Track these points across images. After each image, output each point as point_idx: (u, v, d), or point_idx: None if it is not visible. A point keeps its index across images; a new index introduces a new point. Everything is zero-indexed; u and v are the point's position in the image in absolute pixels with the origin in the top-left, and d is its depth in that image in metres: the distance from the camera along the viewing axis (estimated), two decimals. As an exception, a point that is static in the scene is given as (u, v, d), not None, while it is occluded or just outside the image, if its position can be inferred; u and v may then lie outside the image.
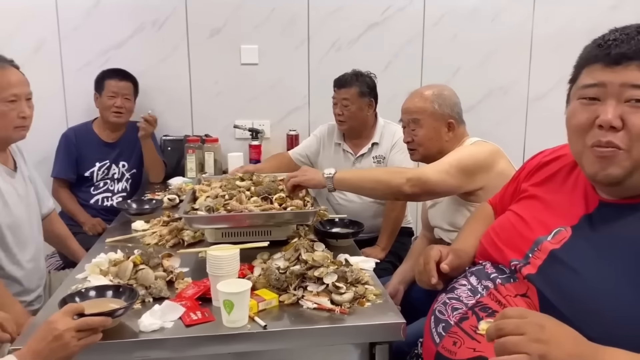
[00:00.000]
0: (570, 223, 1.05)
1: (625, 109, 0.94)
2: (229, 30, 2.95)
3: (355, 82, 2.50)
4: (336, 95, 2.54)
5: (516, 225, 1.16)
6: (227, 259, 1.29)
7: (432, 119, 1.84)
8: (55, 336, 1.07)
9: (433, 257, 1.21)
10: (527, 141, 3.22)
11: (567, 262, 1.00)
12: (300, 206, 1.74)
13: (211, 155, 2.80)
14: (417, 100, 1.88)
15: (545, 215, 1.11)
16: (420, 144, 1.88)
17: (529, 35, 3.12)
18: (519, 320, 0.84)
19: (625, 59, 0.94)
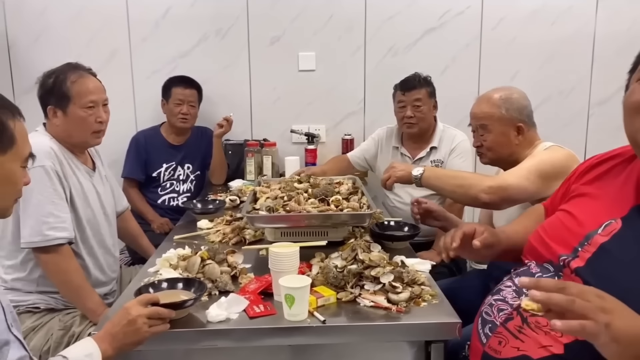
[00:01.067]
0: (620, 214, 1.05)
1: None
2: (288, 38, 3.04)
3: (425, 82, 2.51)
4: (405, 98, 2.51)
5: (565, 222, 1.16)
6: (288, 255, 1.36)
7: (500, 123, 1.84)
8: (130, 320, 1.16)
9: (465, 229, 1.27)
10: (588, 147, 3.13)
11: (615, 254, 1.00)
12: (356, 208, 1.79)
13: (269, 158, 2.90)
14: (484, 106, 1.87)
15: (595, 209, 1.11)
16: (490, 149, 1.88)
17: (591, 38, 3.04)
18: (582, 286, 0.85)
19: None
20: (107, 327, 1.18)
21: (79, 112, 1.80)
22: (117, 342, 1.16)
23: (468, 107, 1.98)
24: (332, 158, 2.91)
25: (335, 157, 2.92)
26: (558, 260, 1.11)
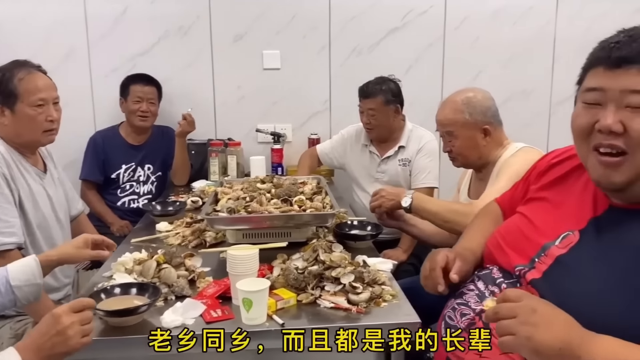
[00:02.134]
0: (579, 227, 1.04)
1: (626, 114, 0.93)
2: (252, 36, 3.00)
3: (380, 91, 2.51)
4: (362, 105, 2.56)
5: (523, 229, 1.15)
6: (246, 258, 1.33)
7: (465, 129, 1.84)
8: (59, 331, 1.06)
9: (439, 262, 1.20)
10: (550, 145, 3.18)
11: (572, 268, 1.00)
12: (319, 208, 1.77)
13: (234, 158, 2.85)
14: (447, 112, 1.87)
15: (554, 219, 1.10)
16: (459, 154, 1.89)
17: (552, 38, 3.10)
18: (514, 304, 0.88)
19: (625, 62, 0.92)
20: (34, 336, 1.07)
21: (28, 111, 1.73)
22: (43, 352, 1.05)
23: (433, 107, 1.98)
24: (303, 159, 2.85)
25: (305, 156, 2.88)
26: (513, 271, 1.10)
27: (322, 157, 2.83)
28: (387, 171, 2.62)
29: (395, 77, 2.58)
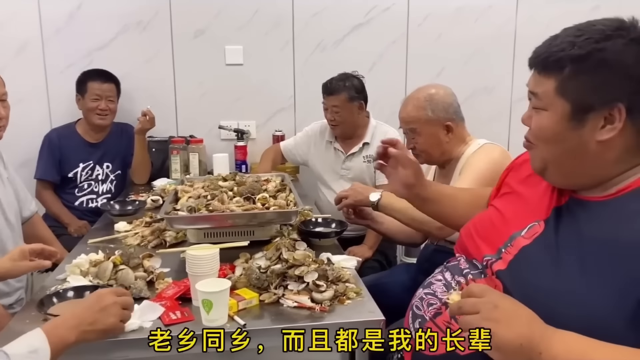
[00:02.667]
0: (543, 217, 1.06)
1: (532, 111, 1.03)
2: (213, 31, 2.94)
3: (343, 87, 2.49)
4: (326, 102, 2.55)
5: (494, 220, 1.17)
6: (206, 258, 1.29)
7: (428, 125, 1.84)
8: (103, 307, 1.10)
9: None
10: (511, 142, 3.24)
11: (535, 258, 1.01)
12: (283, 206, 1.74)
13: (196, 156, 2.79)
14: (410, 109, 1.87)
15: (521, 210, 1.12)
16: (422, 151, 1.88)
17: (512, 35, 3.15)
18: (476, 300, 0.89)
19: (532, 65, 1.02)
20: (75, 312, 1.09)
21: (-26, 107, 1.64)
22: (82, 326, 1.06)
23: (397, 103, 1.98)
24: (265, 156, 2.82)
25: (268, 152, 2.84)
26: (482, 260, 1.11)
27: (286, 153, 2.80)
28: (352, 168, 2.61)
29: (359, 74, 2.57)
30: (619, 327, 0.86)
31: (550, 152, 1.01)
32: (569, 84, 0.95)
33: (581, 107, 0.95)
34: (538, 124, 1.01)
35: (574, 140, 0.97)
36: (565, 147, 0.99)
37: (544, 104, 0.99)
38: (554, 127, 0.98)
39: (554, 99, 0.97)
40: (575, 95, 0.95)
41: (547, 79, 0.98)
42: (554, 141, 0.99)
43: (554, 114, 0.98)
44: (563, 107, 0.96)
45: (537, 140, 1.03)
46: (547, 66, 0.98)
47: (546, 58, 0.98)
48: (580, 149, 0.97)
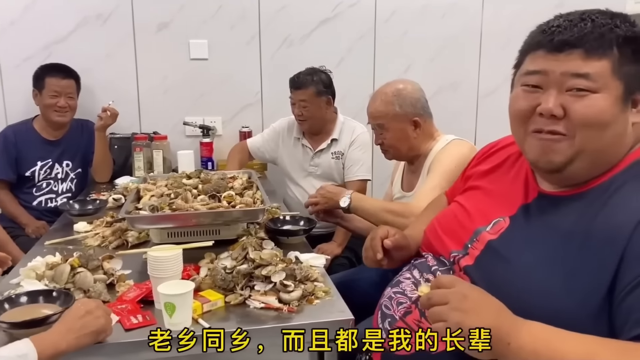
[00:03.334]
0: (509, 213, 1.05)
1: (566, 98, 0.93)
2: (177, 24, 2.86)
3: (311, 82, 2.46)
4: (293, 97, 2.51)
5: (458, 216, 1.16)
6: (168, 259, 1.24)
7: (396, 121, 1.83)
8: (87, 311, 1.09)
9: (379, 233, 1.24)
10: (478, 137, 3.27)
11: (502, 253, 1.01)
12: (250, 204, 1.70)
13: (160, 153, 2.72)
14: (378, 104, 1.85)
15: (487, 205, 1.12)
16: (390, 146, 1.88)
17: (478, 32, 3.17)
18: (446, 290, 0.88)
19: (567, 46, 0.93)
20: (63, 320, 1.08)
21: None
22: (73, 333, 1.05)
23: (365, 99, 1.97)
24: (233, 154, 2.74)
25: (235, 150, 2.77)
26: (449, 256, 1.11)
27: (254, 151, 2.74)
28: (320, 165, 2.58)
29: (326, 69, 2.54)
30: (585, 322, 0.87)
31: (595, 137, 0.93)
32: (622, 64, 0.92)
33: (629, 88, 0.93)
34: (592, 107, 0.92)
35: (621, 124, 0.94)
36: (613, 132, 0.93)
37: (598, 85, 0.91)
38: (610, 110, 0.92)
39: (610, 80, 0.92)
40: (627, 77, 0.92)
41: (597, 60, 0.92)
42: (605, 125, 0.92)
43: (609, 95, 0.92)
44: (617, 89, 0.92)
45: (582, 127, 0.93)
46: (600, 45, 0.92)
47: (600, 37, 0.92)
48: (623, 134, 0.95)
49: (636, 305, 0.83)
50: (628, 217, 0.87)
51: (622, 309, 0.84)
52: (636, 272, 0.84)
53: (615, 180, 0.95)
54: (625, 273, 0.85)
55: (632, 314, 0.83)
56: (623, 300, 0.84)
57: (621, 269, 0.85)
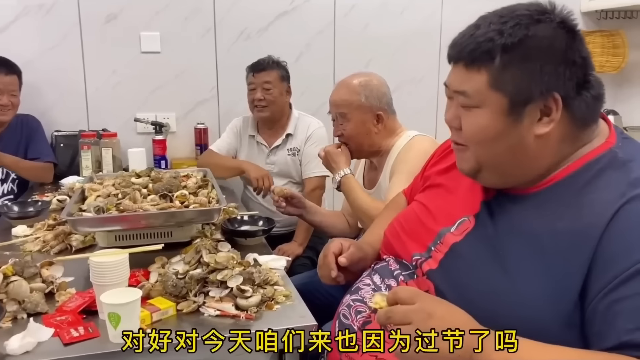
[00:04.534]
0: (473, 211, 1.00)
1: (460, 110, 0.93)
2: (127, 15, 2.72)
3: (276, 65, 2.42)
4: (255, 80, 2.41)
5: (420, 216, 1.10)
6: (112, 265, 1.14)
7: (360, 112, 1.76)
8: None
9: (332, 249, 1.17)
10: (439, 134, 3.24)
11: (465, 257, 0.95)
12: (204, 203, 1.60)
13: (109, 151, 2.57)
14: (343, 92, 1.78)
15: (450, 204, 1.06)
16: (350, 138, 1.80)
17: (438, 28, 3.15)
18: (407, 308, 0.80)
19: (452, 60, 0.94)
20: None
21: None
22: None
23: (325, 95, 1.90)
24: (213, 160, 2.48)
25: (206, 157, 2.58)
26: (411, 260, 1.04)
27: (225, 152, 2.57)
28: (276, 162, 2.50)
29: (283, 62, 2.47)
30: (555, 329, 0.82)
31: (487, 152, 0.92)
32: (502, 75, 0.87)
33: (518, 99, 0.87)
34: (474, 124, 0.91)
35: (513, 137, 0.89)
36: (504, 146, 0.90)
37: (476, 101, 0.90)
38: (493, 125, 0.89)
39: (488, 94, 0.88)
40: (511, 87, 0.87)
41: (476, 73, 0.88)
42: (492, 140, 0.90)
43: (489, 110, 0.89)
44: (499, 102, 0.88)
45: (471, 142, 0.93)
46: (476, 59, 0.88)
47: (474, 50, 0.88)
48: (519, 146, 0.90)
49: (610, 314, 0.78)
50: (597, 217, 0.83)
51: (596, 315, 0.80)
52: (610, 275, 0.79)
53: (577, 177, 0.90)
54: (598, 277, 0.80)
55: (608, 321, 0.78)
56: (597, 306, 0.80)
57: (592, 272, 0.81)
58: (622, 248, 0.79)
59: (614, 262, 0.79)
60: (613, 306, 0.78)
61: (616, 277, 0.78)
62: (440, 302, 0.85)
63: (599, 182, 0.87)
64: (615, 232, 0.80)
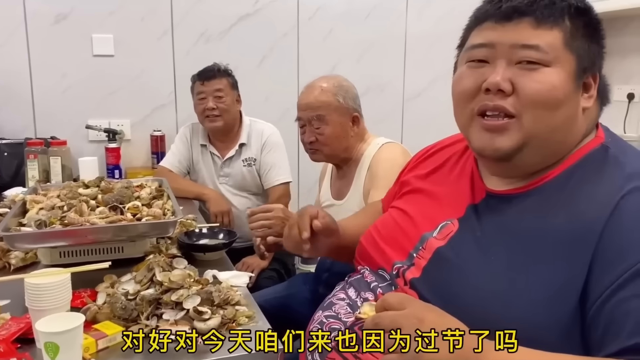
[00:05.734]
0: (457, 215, 0.94)
1: (516, 72, 0.84)
2: (78, 16, 2.58)
3: (225, 73, 2.32)
4: (205, 89, 2.30)
5: (400, 222, 1.03)
6: (50, 287, 1.01)
7: (338, 113, 1.69)
8: None
9: (309, 212, 1.10)
10: (404, 140, 3.20)
11: (452, 261, 0.89)
12: (159, 216, 1.47)
13: (58, 160, 2.40)
14: (318, 94, 1.70)
15: (431, 209, 1.00)
16: (326, 143, 1.71)
17: (403, 34, 3.11)
18: (396, 313, 0.74)
19: (517, 13, 0.84)
20: None
21: None
22: None
23: (290, 99, 1.83)
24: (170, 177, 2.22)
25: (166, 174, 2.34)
26: (392, 269, 0.97)
27: (176, 167, 2.42)
28: (230, 174, 2.39)
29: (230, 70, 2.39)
30: (555, 336, 0.76)
31: (545, 120, 0.83)
32: (575, 36, 0.84)
33: (583, 65, 0.84)
34: (543, 82, 0.82)
35: (573, 105, 0.85)
36: (564, 114, 0.84)
37: (550, 57, 0.82)
38: (562, 87, 0.83)
39: (563, 52, 0.83)
40: (579, 51, 0.84)
41: (548, 30, 0.83)
42: (557, 104, 0.83)
43: (562, 70, 0.83)
44: (570, 63, 0.84)
45: (532, 106, 0.83)
46: (552, 14, 0.83)
47: (551, 4, 0.83)
48: (573, 117, 0.86)
49: (617, 315, 0.72)
50: (596, 213, 0.78)
51: (601, 316, 0.74)
52: (615, 272, 0.73)
53: (572, 173, 0.86)
54: (601, 275, 0.75)
55: (616, 322, 0.72)
56: (602, 307, 0.74)
57: (594, 271, 0.75)
58: (627, 243, 0.75)
59: (619, 259, 0.74)
60: (621, 305, 0.72)
61: (622, 274, 0.73)
62: (431, 308, 0.79)
63: (595, 178, 0.83)
64: (617, 227, 0.76)
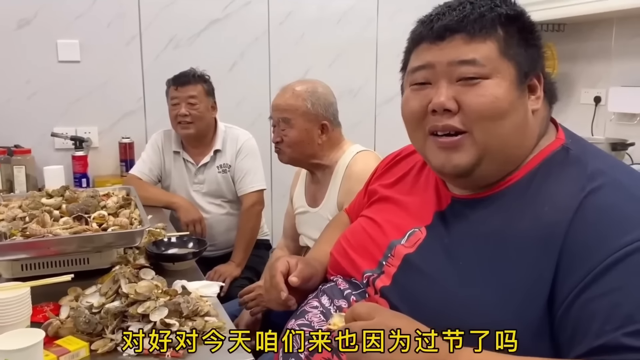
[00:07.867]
0: (424, 222, 0.94)
1: (458, 89, 0.84)
2: (42, 21, 2.51)
3: (200, 79, 2.26)
4: (178, 94, 2.24)
5: (369, 231, 1.03)
6: (8, 302, 0.97)
7: (304, 119, 1.67)
8: None
9: (280, 269, 1.06)
10: (377, 146, 3.20)
11: (422, 268, 0.88)
12: (125, 225, 1.43)
13: (22, 169, 2.33)
14: (288, 97, 1.69)
15: (399, 217, 1.00)
16: (290, 146, 1.69)
17: (374, 39, 3.11)
18: (365, 323, 0.75)
19: (449, 31, 0.85)
20: None
21: None
22: None
23: (262, 105, 1.80)
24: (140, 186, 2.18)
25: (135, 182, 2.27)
26: (362, 277, 0.96)
27: (147, 174, 2.36)
28: (205, 181, 2.34)
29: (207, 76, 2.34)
30: (525, 339, 0.75)
31: (494, 131, 0.83)
32: (510, 44, 0.84)
33: (523, 71, 0.85)
34: (486, 96, 0.82)
35: (520, 111, 0.85)
36: (512, 123, 0.84)
37: (488, 70, 0.83)
38: (505, 96, 0.83)
39: (500, 62, 0.84)
40: (517, 57, 0.85)
41: (482, 42, 0.84)
42: (503, 115, 0.83)
43: (501, 79, 0.83)
44: (509, 71, 0.84)
45: (479, 119, 0.83)
46: (483, 26, 0.83)
47: (480, 17, 0.83)
48: (523, 123, 0.86)
49: (584, 316, 0.72)
50: (560, 214, 0.78)
51: (569, 318, 0.74)
52: (581, 272, 0.73)
53: (534, 176, 0.86)
54: (567, 275, 0.74)
55: (584, 323, 0.72)
56: (569, 308, 0.74)
57: (560, 271, 0.75)
58: (591, 242, 0.75)
59: (584, 258, 0.74)
60: (587, 306, 0.72)
61: (588, 273, 0.73)
62: (400, 316, 0.80)
63: (557, 178, 0.84)
64: (581, 227, 0.76)
